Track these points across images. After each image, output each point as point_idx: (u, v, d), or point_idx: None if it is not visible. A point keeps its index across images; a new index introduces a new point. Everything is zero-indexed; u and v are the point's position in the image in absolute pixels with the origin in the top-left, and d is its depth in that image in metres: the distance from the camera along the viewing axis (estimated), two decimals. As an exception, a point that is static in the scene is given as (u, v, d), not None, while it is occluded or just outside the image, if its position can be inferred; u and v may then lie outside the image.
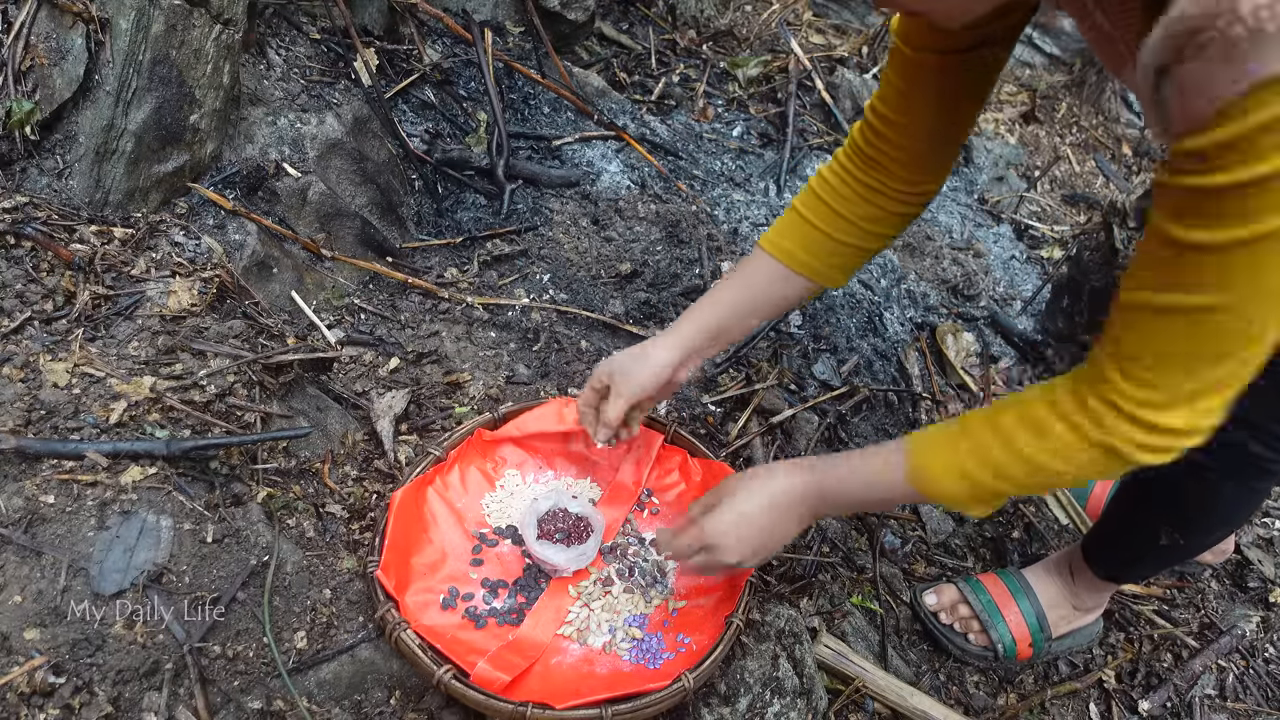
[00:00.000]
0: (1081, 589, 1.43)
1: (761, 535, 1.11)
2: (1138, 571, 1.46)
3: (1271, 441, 1.13)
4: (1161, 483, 1.25)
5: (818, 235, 1.22)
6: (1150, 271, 0.79)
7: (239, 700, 1.04)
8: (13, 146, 1.38)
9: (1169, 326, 0.79)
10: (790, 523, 1.12)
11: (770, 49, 2.99)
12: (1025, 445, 0.91)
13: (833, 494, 1.09)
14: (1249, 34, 0.59)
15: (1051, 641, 1.46)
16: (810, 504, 1.10)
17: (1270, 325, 0.76)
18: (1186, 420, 0.82)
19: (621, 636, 1.25)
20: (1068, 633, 1.47)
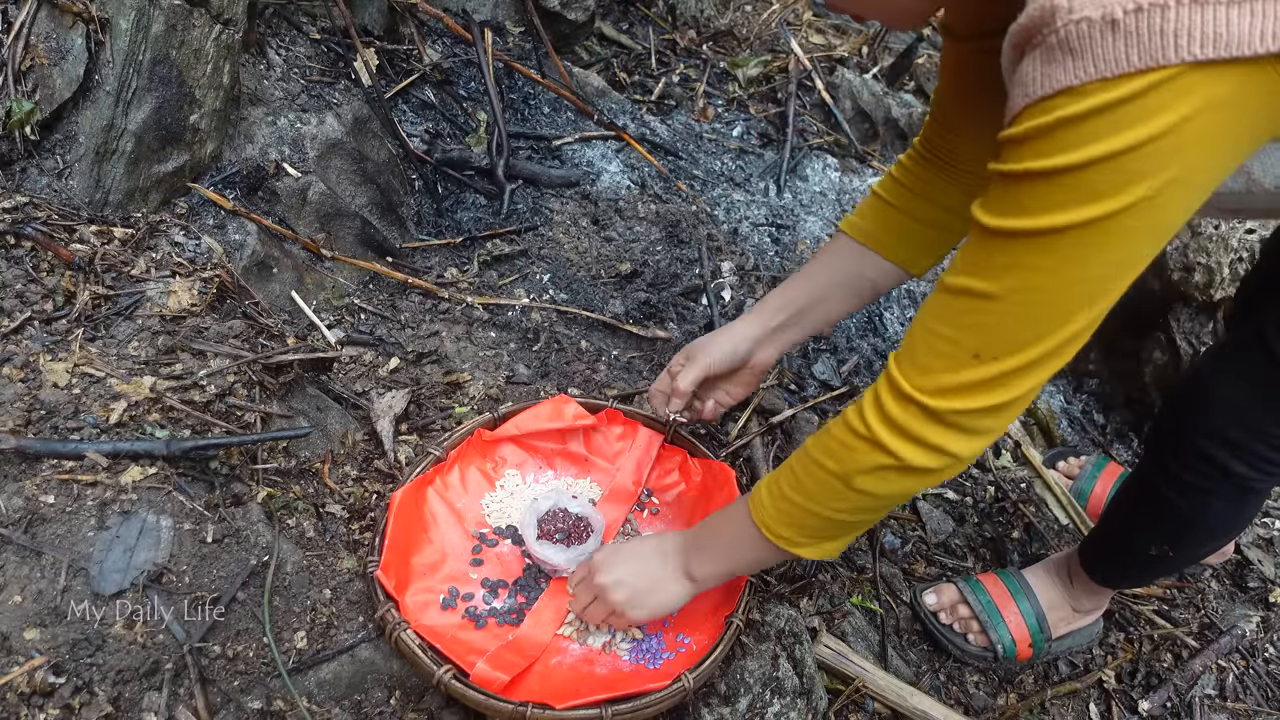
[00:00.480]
0: (1080, 592, 1.44)
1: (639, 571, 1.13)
2: (1131, 580, 1.47)
3: (1255, 461, 1.12)
4: (1151, 497, 1.25)
5: (897, 216, 1.20)
6: (960, 254, 0.81)
7: (239, 700, 1.04)
8: (13, 146, 1.38)
9: (945, 307, 0.81)
10: (668, 576, 1.12)
11: (770, 49, 2.99)
12: (812, 449, 0.91)
13: (704, 544, 1.10)
14: (1059, 46, 0.66)
15: (1051, 642, 1.46)
16: (687, 559, 1.11)
17: (1047, 333, 0.76)
18: (943, 406, 0.80)
19: (621, 636, 1.25)
20: (1067, 633, 1.47)
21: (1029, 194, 0.72)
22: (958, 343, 0.80)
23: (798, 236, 2.26)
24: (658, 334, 1.84)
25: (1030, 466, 1.84)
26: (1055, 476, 1.80)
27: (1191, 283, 1.81)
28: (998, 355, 0.78)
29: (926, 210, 1.19)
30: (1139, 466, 1.30)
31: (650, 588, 1.13)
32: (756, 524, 0.99)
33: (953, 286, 0.80)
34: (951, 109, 1.14)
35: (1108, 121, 0.65)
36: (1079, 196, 0.69)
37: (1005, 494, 1.78)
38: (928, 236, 1.21)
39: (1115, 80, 0.64)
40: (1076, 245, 0.71)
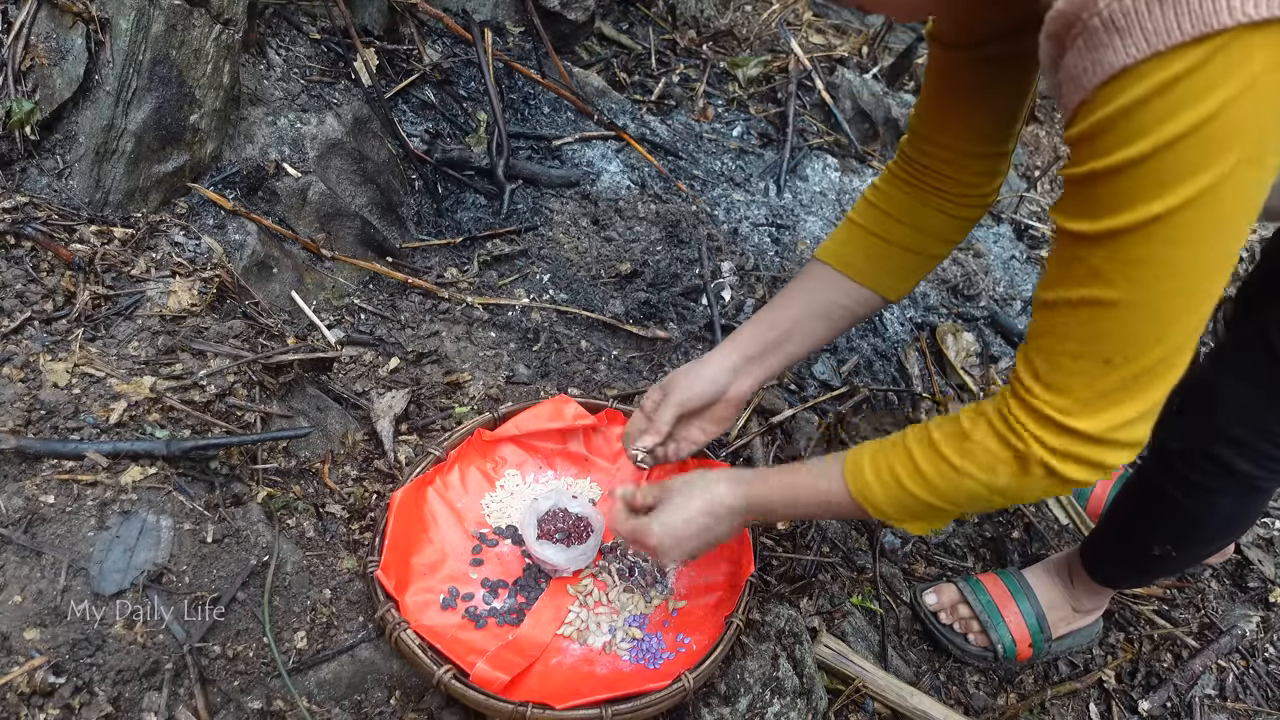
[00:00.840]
0: (1080, 592, 1.44)
1: (702, 539, 1.12)
2: (1133, 580, 1.46)
3: (1260, 459, 1.12)
4: (1155, 496, 1.25)
5: (874, 241, 1.19)
6: (1049, 266, 0.80)
7: (239, 700, 1.04)
8: (13, 146, 1.38)
9: (1061, 324, 0.79)
10: (729, 527, 1.12)
11: (770, 49, 2.99)
12: (948, 451, 0.90)
13: (771, 506, 1.09)
14: (1103, 27, 0.63)
15: (1051, 642, 1.46)
16: (744, 514, 1.11)
17: (1167, 326, 0.74)
18: (1098, 427, 0.79)
19: (621, 636, 1.25)
20: (1067, 633, 1.47)
21: (1110, 192, 0.69)
22: (1085, 355, 0.78)
23: (798, 236, 2.26)
24: (658, 334, 1.84)
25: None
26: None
27: (1191, 283, 1.81)
28: (1130, 356, 0.76)
29: (901, 233, 1.18)
30: (1142, 467, 1.30)
31: (702, 550, 1.15)
32: (856, 499, 0.99)
33: (1063, 300, 0.78)
34: (935, 120, 1.12)
35: (1171, 100, 0.62)
36: (1164, 181, 0.66)
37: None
38: (902, 261, 1.19)
39: (1170, 53, 0.61)
40: (1177, 229, 0.68)
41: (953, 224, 1.18)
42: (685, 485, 1.13)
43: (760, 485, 1.10)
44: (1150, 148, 0.65)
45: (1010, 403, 0.85)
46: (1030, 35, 1.02)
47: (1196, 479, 1.17)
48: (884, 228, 1.18)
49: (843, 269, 1.20)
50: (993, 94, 1.07)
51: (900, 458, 0.95)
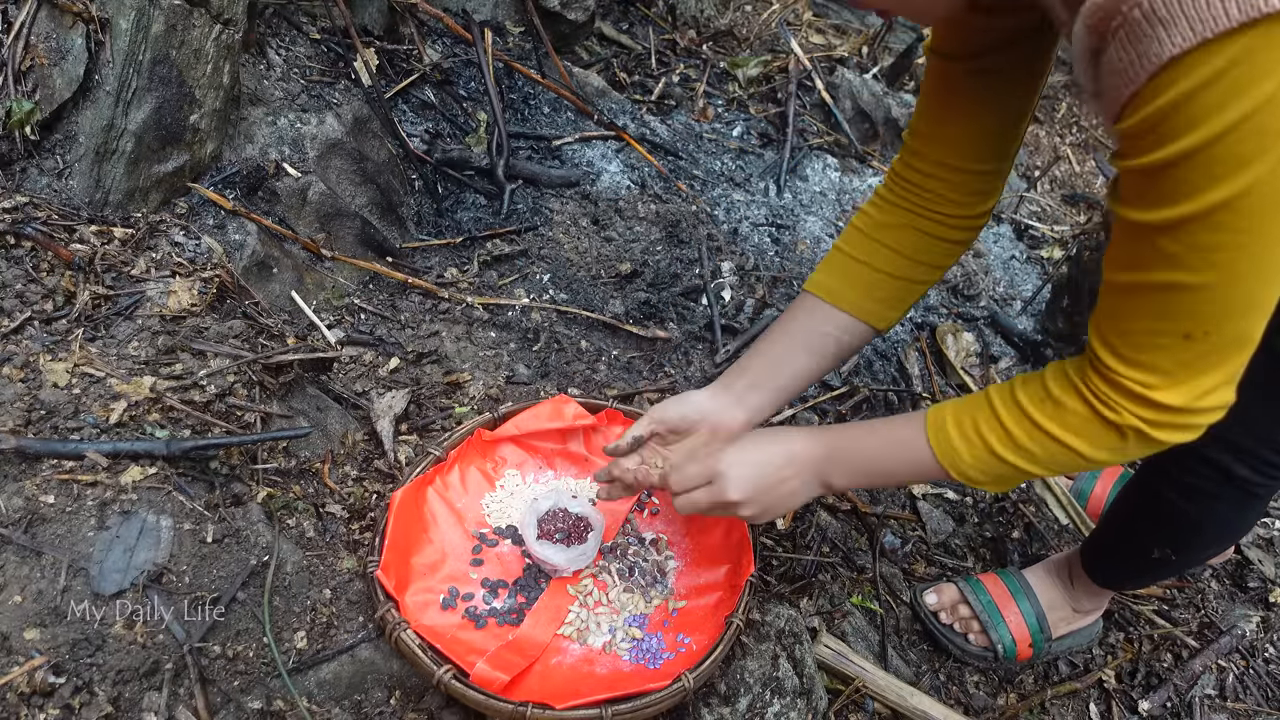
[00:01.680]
0: (1080, 593, 1.44)
1: (771, 486, 1.07)
2: (1133, 582, 1.47)
3: (1258, 465, 1.12)
4: (1154, 500, 1.25)
5: (862, 269, 1.17)
6: (1116, 250, 0.80)
7: (239, 700, 1.04)
8: (13, 146, 1.38)
9: (1137, 305, 0.80)
10: (803, 485, 1.08)
11: (770, 49, 2.99)
12: (1043, 420, 0.89)
13: (848, 461, 1.05)
14: (1145, 18, 0.63)
15: (1051, 642, 1.46)
16: (824, 470, 1.07)
17: (1245, 301, 0.75)
18: (1184, 399, 0.81)
19: (621, 636, 1.25)
20: (1067, 634, 1.47)
21: (1170, 183, 0.69)
22: (1164, 332, 0.79)
23: (798, 236, 2.26)
24: (658, 334, 1.84)
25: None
26: (1055, 476, 1.80)
27: (1191, 283, 1.81)
28: (1209, 330, 0.77)
29: (889, 260, 1.16)
30: (1141, 470, 1.30)
31: (779, 503, 1.09)
32: (942, 463, 0.97)
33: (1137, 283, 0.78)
34: (930, 134, 1.11)
35: (1222, 89, 0.62)
36: (1223, 170, 0.66)
37: (1005, 494, 1.78)
38: (892, 288, 1.18)
39: (1217, 41, 0.60)
40: (1242, 214, 0.68)
41: (942, 249, 1.17)
42: (756, 434, 1.10)
43: (847, 441, 1.06)
44: (1205, 139, 0.64)
45: (1093, 379, 0.85)
46: (1027, 45, 1.02)
47: (1194, 483, 1.17)
48: (872, 255, 1.17)
49: (830, 299, 1.19)
50: (989, 108, 1.07)
51: (988, 423, 0.94)
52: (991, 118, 1.08)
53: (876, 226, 1.18)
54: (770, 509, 1.10)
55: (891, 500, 1.71)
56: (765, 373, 1.21)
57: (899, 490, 1.73)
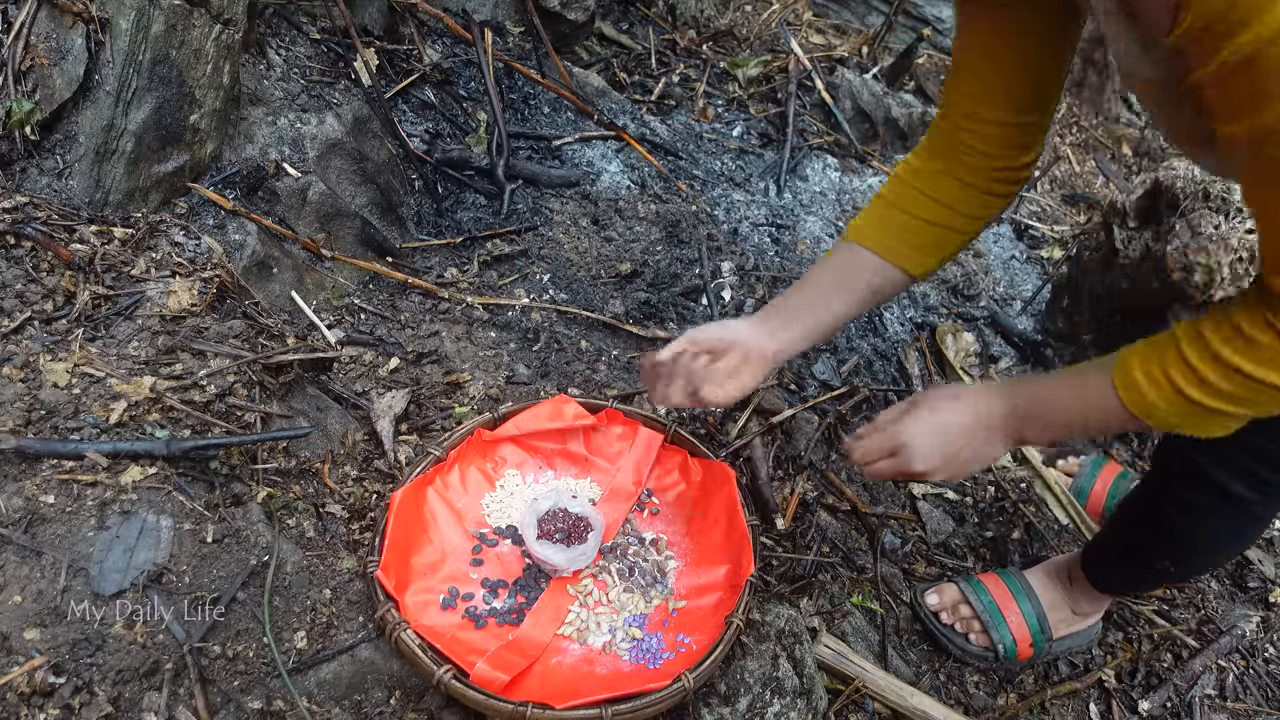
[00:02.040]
0: (1079, 595, 1.44)
1: (957, 450, 1.07)
2: (1132, 588, 1.47)
3: (1255, 483, 1.12)
4: (1153, 514, 1.25)
5: (900, 216, 1.17)
6: (1245, 179, 0.77)
7: (239, 700, 1.04)
8: (13, 146, 1.38)
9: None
10: (990, 445, 1.07)
11: (770, 49, 2.99)
12: (1234, 358, 0.86)
13: (1036, 414, 1.04)
14: None
15: (1051, 643, 1.46)
16: (1015, 428, 1.05)
17: None
18: None
19: (621, 636, 1.25)
20: (1066, 635, 1.47)
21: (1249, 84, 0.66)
22: None
23: (798, 236, 2.26)
24: (658, 334, 1.83)
25: (1030, 466, 1.84)
26: (1055, 475, 1.80)
27: (1191, 283, 1.81)
28: None
29: (927, 207, 1.16)
30: (1143, 480, 1.31)
31: (967, 466, 1.09)
32: (1132, 410, 0.94)
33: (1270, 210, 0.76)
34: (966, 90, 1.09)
35: None
36: None
37: (1005, 494, 1.78)
38: (929, 235, 1.17)
39: None
40: None
41: (982, 200, 1.15)
42: (942, 397, 1.08)
43: (1034, 395, 1.04)
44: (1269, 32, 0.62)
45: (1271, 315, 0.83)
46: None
47: (1192, 499, 1.17)
48: (910, 202, 1.17)
49: (866, 244, 1.18)
50: (1021, 53, 1.04)
51: (1176, 365, 0.90)
52: (1024, 64, 1.05)
53: (916, 174, 1.17)
54: (959, 473, 1.09)
55: (891, 500, 1.71)
56: (800, 311, 1.21)
57: (899, 490, 1.73)
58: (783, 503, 1.57)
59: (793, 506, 1.56)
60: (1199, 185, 1.89)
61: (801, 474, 1.64)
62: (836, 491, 1.65)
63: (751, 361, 1.20)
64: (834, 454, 1.74)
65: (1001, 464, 1.85)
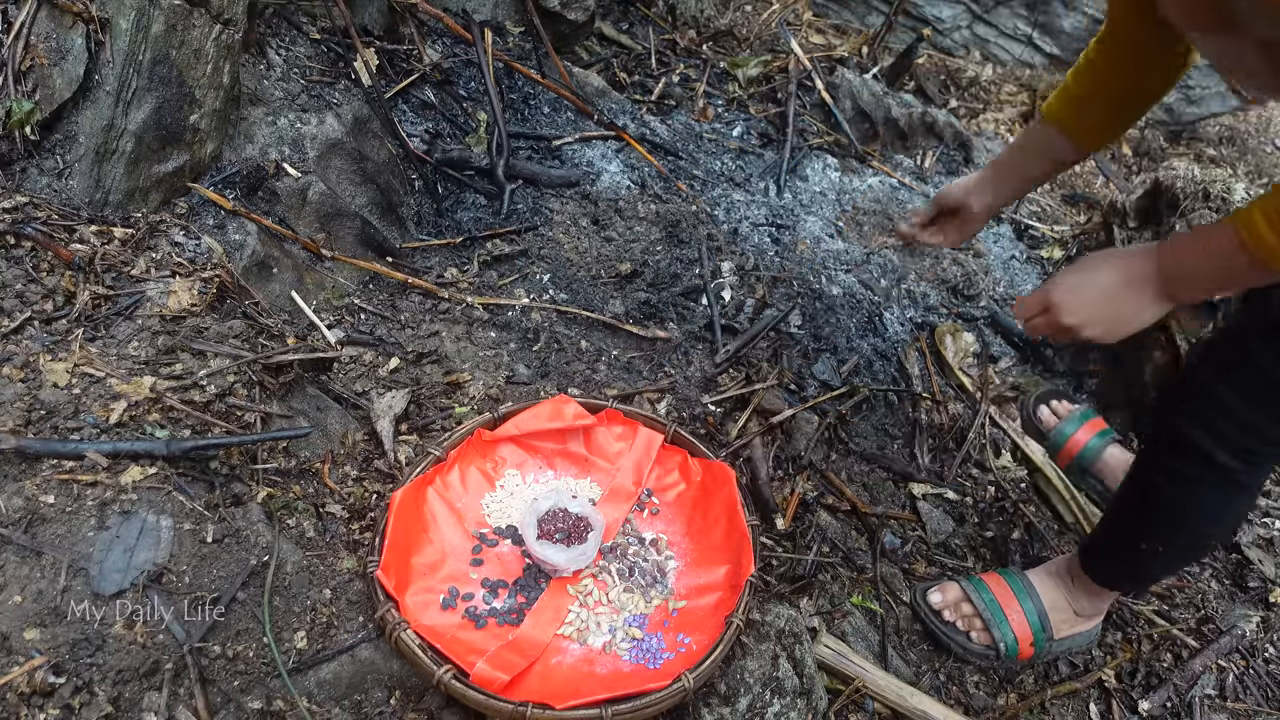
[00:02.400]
0: (1081, 594, 1.44)
1: (1109, 306, 1.11)
2: (1127, 579, 1.46)
3: (1238, 451, 1.13)
4: (1143, 488, 1.27)
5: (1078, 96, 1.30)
6: None
7: (239, 700, 1.04)
8: (13, 146, 1.38)
9: None
10: (1141, 302, 1.09)
11: (770, 49, 2.99)
12: None
13: (1178, 272, 1.06)
14: None
15: (1053, 642, 1.46)
16: (1161, 284, 1.08)
17: None
18: None
19: (621, 636, 1.25)
20: (1067, 635, 1.47)
21: None
22: None
23: (798, 236, 2.26)
24: (658, 334, 1.84)
25: (1030, 465, 1.84)
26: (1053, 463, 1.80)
27: (1191, 283, 1.81)
28: None
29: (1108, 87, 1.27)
30: (1136, 460, 1.32)
31: (1123, 323, 1.12)
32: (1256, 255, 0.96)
33: None
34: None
35: None
36: None
37: (1005, 494, 1.78)
38: (1102, 114, 1.31)
39: None
40: None
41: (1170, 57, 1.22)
42: (1097, 257, 1.14)
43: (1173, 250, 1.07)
44: None
45: None
46: None
47: (1178, 468, 1.20)
48: (1088, 87, 1.29)
49: (1054, 124, 1.34)
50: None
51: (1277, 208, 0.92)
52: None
53: (1093, 59, 1.28)
54: (1112, 329, 1.12)
55: (891, 500, 1.71)
56: (999, 176, 1.44)
57: (898, 490, 1.73)
58: (783, 503, 1.57)
59: (793, 506, 1.56)
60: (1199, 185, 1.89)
61: (801, 474, 1.64)
62: (836, 491, 1.65)
63: (968, 218, 1.49)
64: (834, 454, 1.74)
65: (1001, 464, 1.85)
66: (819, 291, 2.07)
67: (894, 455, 1.79)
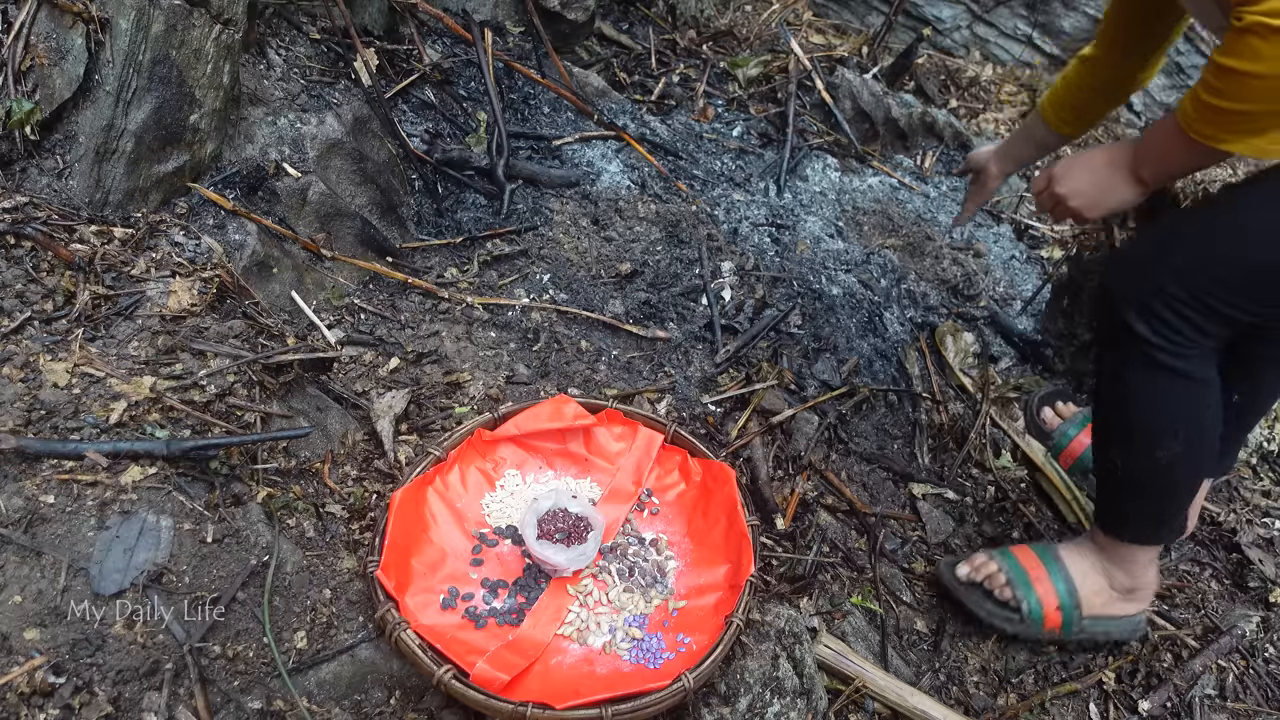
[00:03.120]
0: (1112, 564, 1.43)
1: (1092, 179, 1.31)
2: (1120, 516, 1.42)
3: (1154, 323, 1.19)
4: (1094, 402, 1.39)
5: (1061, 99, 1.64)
6: None
7: (239, 700, 1.04)
8: (13, 146, 1.38)
9: None
10: (1117, 179, 1.29)
11: (770, 49, 2.99)
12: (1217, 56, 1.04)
13: (1143, 155, 1.26)
14: None
15: (1083, 616, 1.44)
16: (1134, 166, 1.27)
17: None
18: None
19: (621, 636, 1.25)
20: (1103, 615, 1.45)
21: None
22: None
23: (798, 236, 2.26)
24: (658, 334, 1.84)
25: (1031, 465, 1.84)
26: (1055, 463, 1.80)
27: (1191, 283, 1.81)
28: None
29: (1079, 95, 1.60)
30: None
31: (1102, 195, 1.32)
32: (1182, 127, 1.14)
33: None
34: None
35: None
36: None
37: (1005, 494, 1.78)
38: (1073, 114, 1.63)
39: None
40: None
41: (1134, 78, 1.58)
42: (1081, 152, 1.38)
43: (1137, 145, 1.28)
44: None
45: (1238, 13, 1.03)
46: None
47: (1107, 352, 1.30)
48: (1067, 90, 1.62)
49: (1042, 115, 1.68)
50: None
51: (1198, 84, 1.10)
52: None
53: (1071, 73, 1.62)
54: (1094, 201, 1.33)
55: (891, 500, 1.71)
56: (1008, 147, 1.77)
57: (898, 489, 1.73)
58: (783, 503, 1.57)
59: (793, 506, 1.56)
60: (1199, 185, 1.90)
61: (801, 474, 1.64)
62: (836, 491, 1.65)
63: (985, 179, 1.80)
64: (834, 454, 1.74)
65: (1001, 464, 1.85)
66: (819, 291, 2.07)
67: (894, 455, 1.79)
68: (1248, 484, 1.96)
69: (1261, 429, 2.07)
